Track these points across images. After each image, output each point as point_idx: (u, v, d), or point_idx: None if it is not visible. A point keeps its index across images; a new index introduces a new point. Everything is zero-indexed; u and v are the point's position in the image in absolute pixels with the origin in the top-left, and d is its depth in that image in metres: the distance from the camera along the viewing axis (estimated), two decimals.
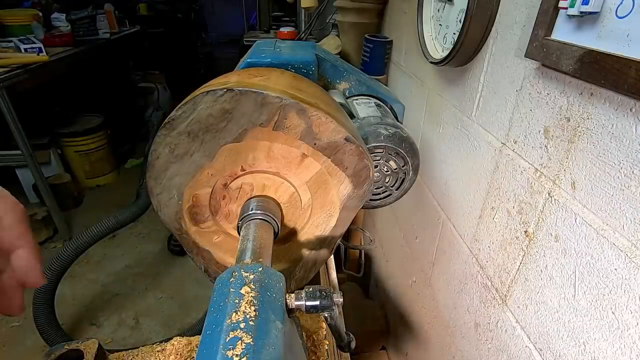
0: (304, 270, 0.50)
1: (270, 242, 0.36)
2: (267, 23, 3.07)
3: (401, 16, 0.96)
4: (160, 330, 1.61)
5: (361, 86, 0.80)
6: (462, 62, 0.62)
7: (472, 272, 0.64)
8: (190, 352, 0.58)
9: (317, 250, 0.49)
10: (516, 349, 0.53)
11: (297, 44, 0.75)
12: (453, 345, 0.74)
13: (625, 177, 0.34)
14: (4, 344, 1.52)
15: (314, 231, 0.47)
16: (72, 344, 0.51)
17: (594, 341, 0.39)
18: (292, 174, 0.43)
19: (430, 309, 0.87)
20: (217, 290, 0.28)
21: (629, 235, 0.34)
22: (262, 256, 0.33)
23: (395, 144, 0.66)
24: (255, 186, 0.43)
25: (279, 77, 0.45)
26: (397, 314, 1.16)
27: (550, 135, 0.44)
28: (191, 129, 0.38)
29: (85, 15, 2.44)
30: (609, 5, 0.33)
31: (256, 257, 0.32)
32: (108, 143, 2.57)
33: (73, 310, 1.67)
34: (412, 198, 0.92)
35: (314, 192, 0.44)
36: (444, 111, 0.73)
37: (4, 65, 1.65)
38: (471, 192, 0.64)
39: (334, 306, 0.32)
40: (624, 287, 0.35)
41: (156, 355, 0.58)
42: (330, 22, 1.42)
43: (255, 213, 0.40)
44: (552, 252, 0.44)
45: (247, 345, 0.23)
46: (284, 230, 0.46)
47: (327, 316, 0.33)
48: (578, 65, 0.36)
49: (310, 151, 0.41)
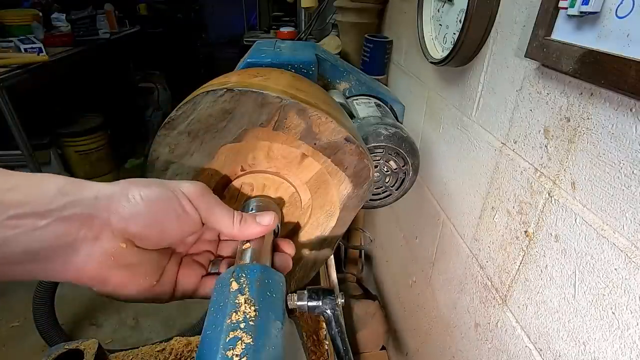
0: (304, 270, 0.50)
1: (270, 242, 0.36)
2: (267, 23, 3.08)
3: (401, 16, 0.96)
4: (160, 330, 1.61)
5: (361, 86, 0.80)
6: (462, 62, 0.62)
7: (472, 272, 0.64)
8: (190, 352, 0.58)
9: (318, 250, 0.49)
10: (516, 349, 0.53)
11: (297, 44, 0.75)
12: (453, 345, 0.74)
13: (625, 177, 0.34)
14: (4, 344, 1.52)
15: (314, 231, 0.47)
16: (72, 344, 0.51)
17: (594, 341, 0.39)
18: (292, 174, 0.43)
19: (430, 309, 0.87)
20: (217, 290, 0.28)
21: (629, 235, 0.34)
22: (262, 256, 0.33)
23: (395, 144, 0.66)
24: (255, 186, 0.43)
25: (279, 77, 0.45)
26: (397, 314, 1.16)
27: (550, 135, 0.44)
28: (191, 129, 0.38)
29: (85, 15, 2.44)
30: (609, 5, 0.33)
31: (256, 257, 0.32)
32: (108, 143, 2.57)
33: (73, 310, 1.67)
34: (412, 198, 0.92)
35: (314, 192, 0.44)
36: (444, 111, 0.73)
37: (4, 65, 1.65)
38: (471, 192, 0.64)
39: (336, 305, 0.32)
40: (624, 287, 0.35)
41: (156, 355, 0.58)
42: (330, 22, 1.42)
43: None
44: (552, 252, 0.44)
45: (247, 345, 0.23)
46: (284, 230, 0.46)
47: (326, 316, 0.33)
48: (578, 65, 0.36)
49: (310, 151, 0.41)
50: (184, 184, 0.30)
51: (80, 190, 0.25)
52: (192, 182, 0.31)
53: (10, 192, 0.22)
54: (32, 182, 0.24)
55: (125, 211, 0.26)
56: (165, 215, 0.28)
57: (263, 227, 0.33)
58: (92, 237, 0.25)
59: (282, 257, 0.35)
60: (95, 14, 2.53)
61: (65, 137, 2.34)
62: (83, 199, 0.25)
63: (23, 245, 0.22)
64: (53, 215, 0.23)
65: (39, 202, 0.23)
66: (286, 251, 0.36)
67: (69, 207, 0.24)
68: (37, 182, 0.24)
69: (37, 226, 0.22)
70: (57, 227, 0.23)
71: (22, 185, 0.23)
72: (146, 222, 0.27)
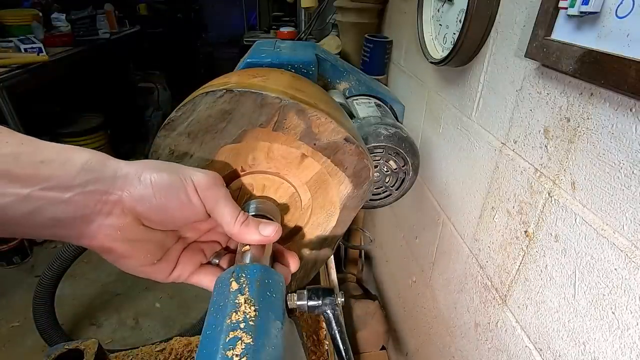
0: (304, 270, 0.50)
1: (270, 250, 0.36)
2: (267, 23, 3.08)
3: (401, 16, 0.96)
4: (160, 330, 1.61)
5: (361, 86, 0.80)
6: (462, 62, 0.62)
7: (472, 272, 0.64)
8: (190, 352, 0.59)
9: (318, 250, 0.49)
10: (516, 349, 0.53)
11: (297, 44, 0.75)
12: (453, 345, 0.74)
13: (625, 177, 0.34)
14: (4, 344, 1.52)
15: (314, 231, 0.47)
16: (72, 344, 0.51)
17: (594, 341, 0.39)
18: (292, 174, 0.43)
19: (430, 309, 0.87)
20: (217, 290, 0.28)
21: (629, 235, 0.34)
22: (262, 256, 0.33)
23: (395, 144, 0.66)
24: (255, 187, 0.43)
25: (279, 78, 0.45)
26: (397, 314, 1.16)
27: (550, 135, 0.44)
28: (191, 130, 0.38)
29: (85, 15, 2.44)
30: (609, 5, 0.33)
31: (256, 258, 0.32)
32: (108, 143, 2.57)
33: (73, 310, 1.67)
34: (412, 198, 0.92)
35: (314, 192, 0.44)
36: (444, 111, 0.73)
37: (4, 65, 1.65)
38: (471, 192, 0.64)
39: (336, 305, 0.32)
40: (624, 287, 0.35)
41: (156, 355, 0.58)
42: (330, 22, 1.42)
43: (255, 215, 0.40)
44: (552, 252, 0.44)
45: (247, 345, 0.23)
46: (284, 231, 0.46)
47: (326, 316, 0.33)
48: (578, 65, 0.36)
49: (310, 151, 0.41)
50: (197, 173, 0.31)
51: (102, 167, 0.27)
52: (205, 172, 0.32)
53: (42, 164, 0.25)
54: (61, 156, 0.26)
55: (136, 192, 0.28)
56: (170, 202, 0.29)
57: (262, 237, 0.32)
58: (105, 211, 0.27)
59: (282, 270, 0.34)
60: (95, 14, 2.53)
61: (65, 137, 2.33)
62: (103, 177, 0.27)
63: (49, 214, 0.25)
64: (76, 190, 0.26)
65: (65, 177, 0.25)
66: (289, 264, 0.36)
67: (90, 183, 0.26)
68: (65, 156, 0.26)
69: (61, 199, 0.25)
70: (78, 200, 0.26)
71: (51, 158, 0.25)
72: (152, 205, 0.29)
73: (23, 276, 1.83)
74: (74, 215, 0.26)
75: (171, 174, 0.29)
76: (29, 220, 0.24)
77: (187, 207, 0.30)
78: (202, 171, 0.32)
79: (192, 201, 0.30)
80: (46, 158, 0.25)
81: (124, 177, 0.28)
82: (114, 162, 0.28)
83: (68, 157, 0.26)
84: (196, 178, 0.30)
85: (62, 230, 0.26)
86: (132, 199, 0.28)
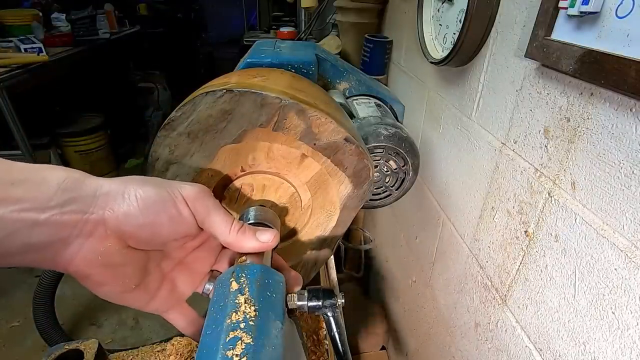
0: (304, 270, 0.50)
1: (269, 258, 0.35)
2: (267, 23, 3.08)
3: (401, 16, 0.96)
4: (160, 330, 1.61)
5: (361, 86, 0.80)
6: (462, 62, 0.62)
7: (472, 272, 0.64)
8: (190, 352, 0.59)
9: (318, 250, 0.49)
10: (516, 349, 0.53)
11: (297, 44, 0.75)
12: (453, 345, 0.74)
13: (625, 177, 0.34)
14: (4, 344, 1.52)
15: (315, 231, 0.47)
16: (72, 344, 0.51)
17: (594, 341, 0.39)
18: (292, 174, 0.43)
19: (430, 309, 0.87)
20: (217, 290, 0.28)
21: (629, 235, 0.34)
22: (262, 257, 0.33)
23: (395, 144, 0.66)
24: (255, 187, 0.43)
25: (279, 78, 0.45)
26: (397, 314, 1.16)
27: (550, 135, 0.44)
28: (191, 130, 0.38)
29: (85, 15, 2.44)
30: (609, 5, 0.33)
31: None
32: (108, 143, 2.57)
33: (73, 310, 1.67)
34: (412, 198, 0.92)
35: (314, 192, 0.44)
36: (444, 111, 0.73)
37: (4, 65, 1.65)
38: (471, 192, 0.64)
39: (336, 306, 0.32)
40: (624, 287, 0.35)
41: (156, 355, 0.58)
42: (330, 22, 1.42)
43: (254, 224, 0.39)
44: (552, 252, 0.44)
45: (247, 345, 0.23)
46: (284, 231, 0.46)
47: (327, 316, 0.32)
48: (578, 65, 0.36)
49: (310, 151, 0.41)
50: (184, 186, 0.29)
51: (80, 185, 0.25)
52: (192, 185, 0.30)
53: (13, 186, 0.23)
54: (34, 176, 0.24)
55: (120, 209, 0.26)
56: (159, 217, 0.27)
57: (261, 244, 0.31)
58: (86, 232, 0.25)
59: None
60: (95, 14, 2.53)
61: (65, 137, 2.34)
62: (82, 196, 0.25)
63: (22, 239, 0.23)
64: (53, 211, 0.24)
65: (40, 198, 0.23)
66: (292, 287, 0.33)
67: (68, 203, 0.24)
68: (38, 176, 0.24)
69: (36, 222, 0.23)
70: (55, 221, 0.24)
71: (24, 179, 0.23)
72: (139, 222, 0.27)
73: (23, 276, 1.83)
74: (49, 239, 0.24)
75: (157, 188, 0.28)
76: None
77: (178, 221, 0.28)
78: (189, 184, 0.30)
79: (182, 214, 0.28)
80: (17, 179, 0.23)
81: (106, 195, 0.26)
82: (93, 180, 0.26)
83: (43, 176, 0.24)
84: (184, 190, 0.29)
85: (34, 255, 0.24)
86: (116, 217, 0.26)
